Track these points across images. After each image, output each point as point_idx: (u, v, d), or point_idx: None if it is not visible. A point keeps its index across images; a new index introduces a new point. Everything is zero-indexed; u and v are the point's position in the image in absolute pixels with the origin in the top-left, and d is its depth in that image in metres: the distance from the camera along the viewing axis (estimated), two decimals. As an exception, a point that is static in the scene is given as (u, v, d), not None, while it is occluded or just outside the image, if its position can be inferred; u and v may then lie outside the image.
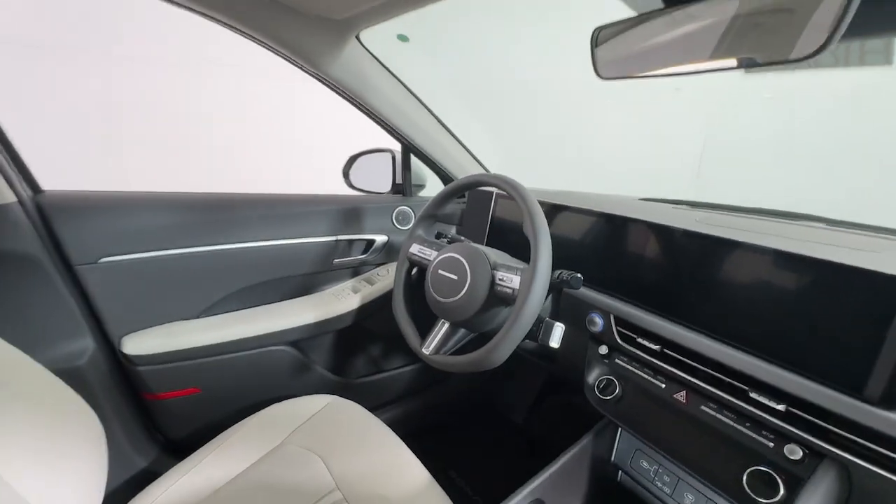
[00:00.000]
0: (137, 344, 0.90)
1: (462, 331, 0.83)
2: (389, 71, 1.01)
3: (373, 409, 0.92)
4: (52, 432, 0.55)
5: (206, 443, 0.81)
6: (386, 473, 0.74)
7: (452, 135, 1.17)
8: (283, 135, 3.45)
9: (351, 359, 1.19)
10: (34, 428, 0.53)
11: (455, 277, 0.77)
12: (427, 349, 0.82)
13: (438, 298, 0.80)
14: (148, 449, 0.99)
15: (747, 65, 0.41)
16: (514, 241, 1.00)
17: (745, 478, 0.54)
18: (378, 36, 0.91)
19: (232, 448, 0.79)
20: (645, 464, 0.72)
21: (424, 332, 0.86)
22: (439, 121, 1.13)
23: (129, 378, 0.93)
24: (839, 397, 0.49)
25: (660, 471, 0.70)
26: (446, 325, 0.83)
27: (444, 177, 1.21)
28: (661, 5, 0.47)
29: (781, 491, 0.51)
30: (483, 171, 1.23)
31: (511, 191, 0.77)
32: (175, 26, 2.77)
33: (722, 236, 0.63)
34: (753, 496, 0.53)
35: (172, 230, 0.93)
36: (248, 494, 0.71)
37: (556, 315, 0.88)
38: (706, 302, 0.64)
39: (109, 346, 0.90)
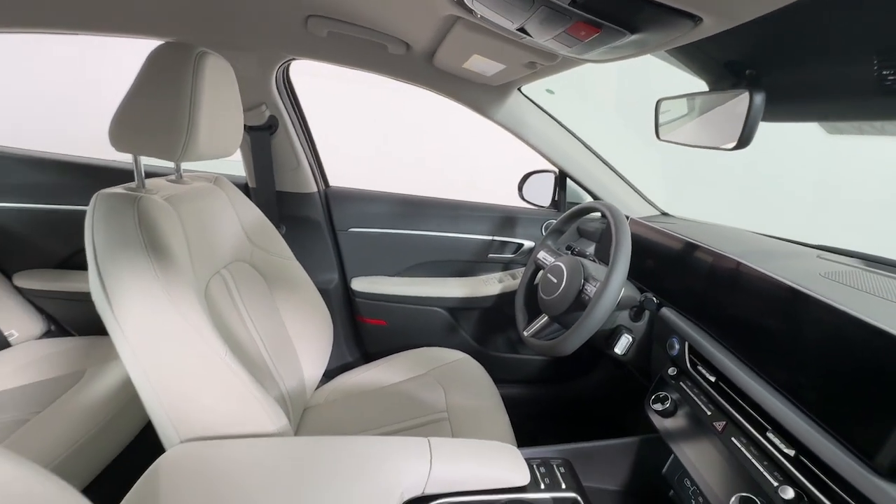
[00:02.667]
0: (358, 283, 1.43)
1: (556, 325, 1.02)
2: (544, 111, 1.24)
3: (494, 379, 1.17)
4: (312, 321, 1.06)
5: (382, 357, 1.26)
6: (482, 415, 1.01)
7: (603, 161, 1.31)
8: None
9: (486, 333, 1.50)
10: (306, 316, 1.04)
11: (555, 281, 0.97)
12: (527, 332, 1.05)
13: (542, 295, 1.01)
14: (353, 351, 1.55)
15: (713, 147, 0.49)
16: (636, 263, 1.10)
17: (736, 500, 0.59)
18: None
19: (395, 366, 1.20)
20: (687, 482, 0.78)
21: (533, 321, 1.08)
22: (589, 149, 1.30)
23: (351, 304, 1.49)
24: (846, 458, 0.51)
25: (696, 491, 0.75)
26: (545, 318, 1.03)
27: (594, 196, 1.36)
28: (706, 88, 0.58)
29: None
30: (630, 193, 1.33)
31: (610, 217, 0.91)
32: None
33: (812, 294, 0.61)
34: None
35: (391, 217, 1.42)
36: (395, 397, 1.09)
37: (649, 334, 0.96)
38: (774, 348, 0.66)
39: (345, 282, 1.47)
